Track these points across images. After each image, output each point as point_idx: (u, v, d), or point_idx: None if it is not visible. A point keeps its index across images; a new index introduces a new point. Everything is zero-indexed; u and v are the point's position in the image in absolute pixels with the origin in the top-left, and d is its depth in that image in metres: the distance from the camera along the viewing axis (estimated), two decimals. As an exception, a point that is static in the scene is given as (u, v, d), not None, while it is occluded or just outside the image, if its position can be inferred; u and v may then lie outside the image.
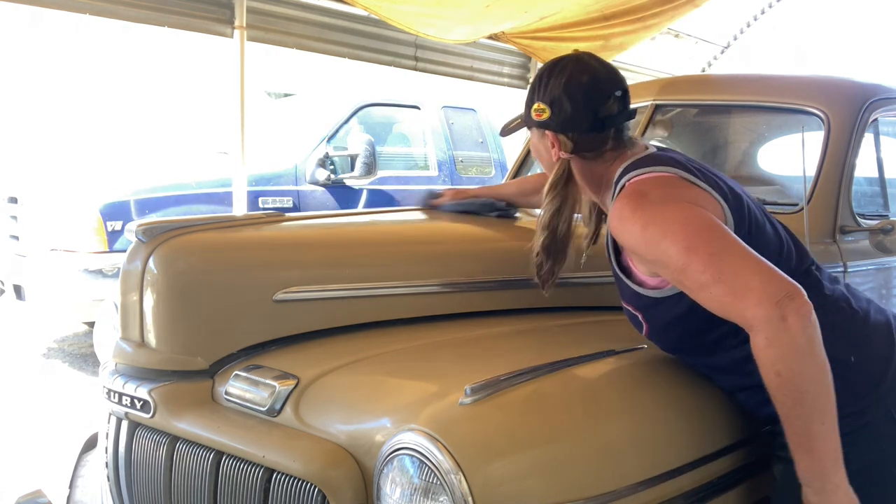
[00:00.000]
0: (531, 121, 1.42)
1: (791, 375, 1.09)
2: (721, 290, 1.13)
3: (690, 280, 1.16)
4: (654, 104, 2.52)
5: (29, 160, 8.03)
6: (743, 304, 1.11)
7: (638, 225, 1.21)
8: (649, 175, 1.28)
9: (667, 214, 1.21)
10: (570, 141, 1.38)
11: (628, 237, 1.25)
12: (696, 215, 1.20)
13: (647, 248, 1.22)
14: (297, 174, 5.02)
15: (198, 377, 1.43)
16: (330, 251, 1.64)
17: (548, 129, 1.40)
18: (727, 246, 1.16)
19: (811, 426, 1.11)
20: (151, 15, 3.72)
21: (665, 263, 1.19)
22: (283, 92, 9.80)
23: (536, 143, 1.47)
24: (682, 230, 1.18)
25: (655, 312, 1.33)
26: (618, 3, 4.49)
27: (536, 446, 1.11)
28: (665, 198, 1.24)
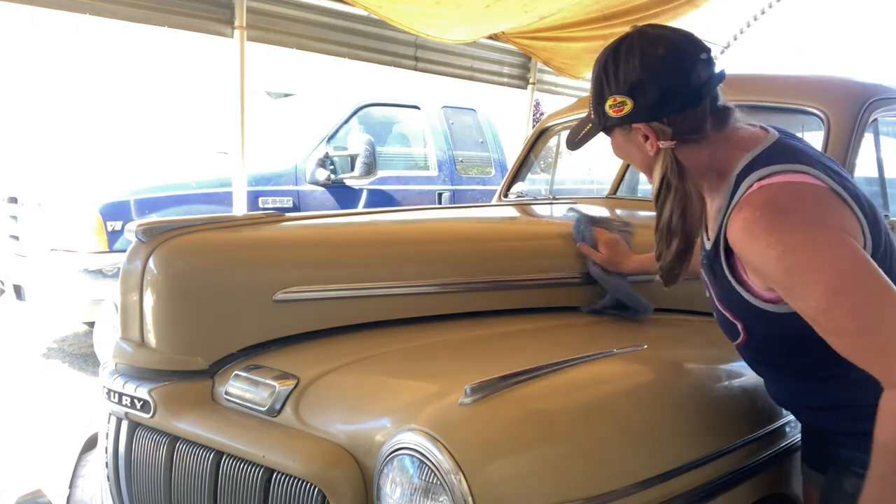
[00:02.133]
0: (610, 120, 1.21)
1: None
2: (868, 343, 1.02)
3: (830, 323, 1.04)
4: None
5: (29, 160, 8.02)
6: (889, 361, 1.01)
7: (775, 250, 1.05)
8: (786, 178, 1.10)
9: (813, 245, 1.04)
10: (667, 127, 1.17)
11: (756, 257, 1.09)
12: (848, 251, 1.04)
13: (780, 276, 1.07)
14: (297, 174, 5.02)
15: (198, 377, 1.43)
16: (330, 251, 1.64)
17: (635, 122, 1.19)
18: (881, 293, 1.02)
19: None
20: (151, 15, 3.72)
21: (802, 297, 1.05)
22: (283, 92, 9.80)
23: (622, 144, 1.25)
24: (831, 268, 1.03)
25: (762, 325, 1.18)
26: (618, 3, 4.49)
27: (536, 446, 1.11)
28: (810, 221, 1.07)
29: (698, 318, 1.82)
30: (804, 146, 1.19)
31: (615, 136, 1.26)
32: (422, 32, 4.53)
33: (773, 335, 1.19)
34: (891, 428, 1.02)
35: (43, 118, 9.48)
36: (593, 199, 2.68)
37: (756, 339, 1.23)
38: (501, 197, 3.15)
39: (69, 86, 9.72)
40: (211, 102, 9.06)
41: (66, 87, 9.71)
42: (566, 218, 1.88)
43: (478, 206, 3.29)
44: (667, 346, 1.59)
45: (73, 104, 9.66)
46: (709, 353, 1.54)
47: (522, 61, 5.64)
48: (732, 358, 1.46)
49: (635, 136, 1.22)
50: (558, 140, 3.18)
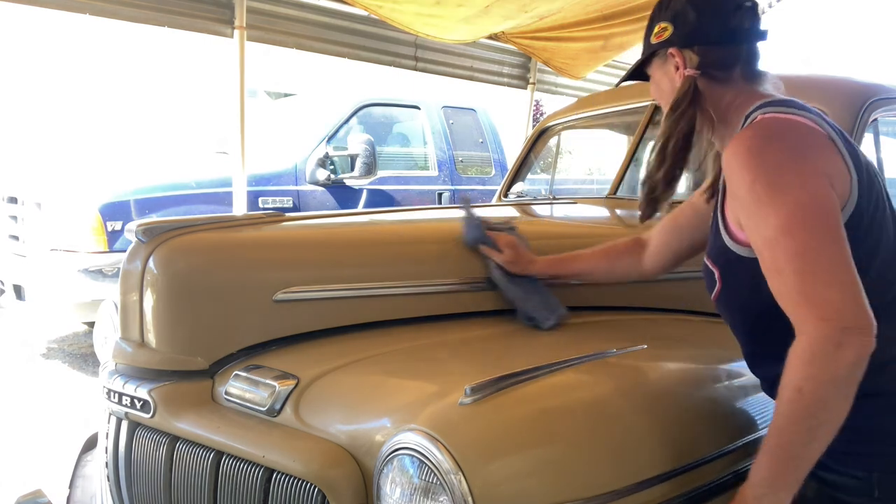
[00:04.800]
0: (652, 48, 1.29)
1: (812, 400, 1.00)
2: (795, 284, 1.02)
3: (771, 257, 1.05)
4: (654, 104, 2.52)
5: (29, 160, 8.02)
6: (808, 311, 1.01)
7: (752, 172, 1.07)
8: (790, 116, 1.13)
9: (785, 176, 1.06)
10: (695, 55, 1.24)
11: (735, 177, 1.11)
12: (815, 194, 1.05)
13: (748, 199, 1.08)
14: (297, 174, 5.02)
15: (198, 377, 1.43)
16: (330, 251, 1.64)
17: (671, 46, 1.25)
18: (829, 244, 1.03)
19: (797, 447, 1.04)
20: (151, 15, 3.72)
21: (757, 225, 1.07)
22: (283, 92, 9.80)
23: (658, 77, 1.31)
24: (792, 205, 1.04)
25: (735, 271, 1.20)
26: (618, 3, 4.49)
27: (536, 446, 1.11)
28: (795, 152, 1.09)
29: (698, 318, 1.82)
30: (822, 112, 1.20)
31: (655, 70, 1.32)
32: (422, 32, 4.53)
33: (742, 286, 1.19)
34: (796, 378, 1.01)
35: (43, 118, 9.48)
36: (593, 200, 2.68)
37: (728, 291, 1.23)
38: (501, 197, 3.15)
39: (69, 85, 9.73)
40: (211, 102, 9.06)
41: (66, 87, 9.72)
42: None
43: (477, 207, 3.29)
44: (667, 347, 1.59)
45: (73, 104, 9.66)
46: (709, 354, 1.54)
47: (522, 61, 5.64)
48: (733, 358, 1.46)
49: (669, 66, 1.28)
50: (558, 140, 3.19)
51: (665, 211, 1.38)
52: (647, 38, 1.31)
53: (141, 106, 10.00)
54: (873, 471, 1.13)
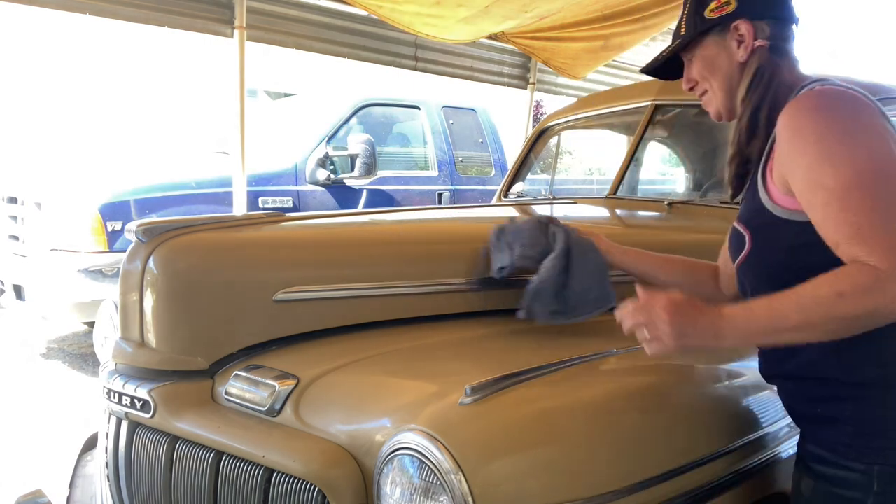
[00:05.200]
0: (709, 23, 1.26)
1: (841, 312, 0.99)
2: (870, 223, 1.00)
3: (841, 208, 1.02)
4: (654, 104, 2.52)
5: (29, 160, 8.02)
6: (876, 252, 0.98)
7: (819, 127, 1.07)
8: (848, 90, 1.12)
9: (857, 130, 1.06)
10: (767, 26, 1.22)
11: (796, 134, 1.09)
12: (887, 149, 1.05)
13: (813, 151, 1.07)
14: (297, 174, 5.02)
15: (198, 377, 1.43)
16: (330, 251, 1.64)
17: (739, 17, 1.23)
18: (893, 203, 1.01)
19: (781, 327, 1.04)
20: (151, 15, 3.72)
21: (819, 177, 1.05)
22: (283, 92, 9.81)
23: (711, 55, 1.29)
24: (866, 156, 1.04)
25: (768, 233, 1.18)
26: (618, 3, 4.49)
27: (536, 446, 1.11)
28: (860, 115, 1.09)
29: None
30: None
31: (705, 48, 1.29)
32: (422, 32, 4.53)
33: (775, 249, 1.17)
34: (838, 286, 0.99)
35: (43, 118, 9.48)
36: (593, 200, 2.68)
37: (758, 253, 1.21)
38: (501, 197, 3.15)
39: (69, 85, 9.73)
40: (211, 102, 9.06)
41: (66, 87, 9.72)
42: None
43: (478, 207, 3.29)
44: (667, 346, 1.59)
45: (73, 103, 9.66)
46: (709, 354, 1.54)
47: (522, 61, 5.64)
48: (733, 358, 1.46)
49: (729, 41, 1.26)
50: (558, 140, 3.19)
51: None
52: (697, 15, 1.27)
53: (141, 106, 10.00)
54: (874, 464, 1.12)
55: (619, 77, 6.15)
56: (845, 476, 1.15)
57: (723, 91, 1.30)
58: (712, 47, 1.28)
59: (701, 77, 1.32)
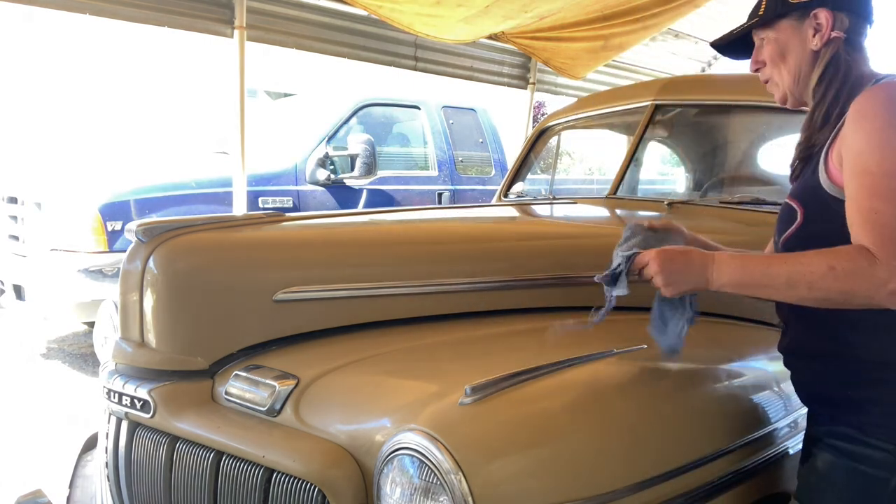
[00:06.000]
0: (786, 7, 1.26)
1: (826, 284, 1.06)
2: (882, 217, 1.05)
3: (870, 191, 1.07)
4: (654, 104, 2.52)
5: (29, 160, 8.02)
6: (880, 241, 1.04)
7: (885, 113, 1.10)
8: None
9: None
10: (847, 19, 1.23)
11: (862, 116, 1.12)
12: None
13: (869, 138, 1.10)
14: (297, 174, 5.02)
15: (198, 377, 1.43)
16: (330, 251, 1.64)
17: (821, 5, 1.23)
18: None
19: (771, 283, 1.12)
20: (151, 15, 3.72)
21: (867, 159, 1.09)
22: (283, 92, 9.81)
23: (784, 39, 1.29)
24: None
25: (821, 210, 1.20)
26: (618, 3, 4.49)
27: (536, 446, 1.11)
28: None
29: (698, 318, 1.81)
30: None
31: (780, 29, 1.29)
32: (421, 32, 4.53)
33: (828, 225, 1.18)
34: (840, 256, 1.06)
35: (42, 117, 9.48)
36: (593, 200, 2.68)
37: (809, 227, 1.23)
38: (501, 197, 3.15)
39: (69, 85, 9.72)
40: (211, 102, 9.06)
41: (66, 87, 9.71)
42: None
43: (478, 206, 3.29)
44: (667, 346, 1.59)
45: (73, 103, 9.66)
46: (709, 354, 1.54)
47: (522, 61, 5.64)
48: (733, 358, 1.46)
49: (806, 28, 1.26)
50: (558, 140, 3.19)
51: None
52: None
53: (141, 106, 10.00)
54: (889, 442, 1.14)
55: (619, 77, 6.16)
56: (871, 454, 1.16)
57: (791, 77, 1.30)
58: (787, 31, 1.28)
59: (771, 60, 1.32)
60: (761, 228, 2.05)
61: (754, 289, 1.16)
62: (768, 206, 2.16)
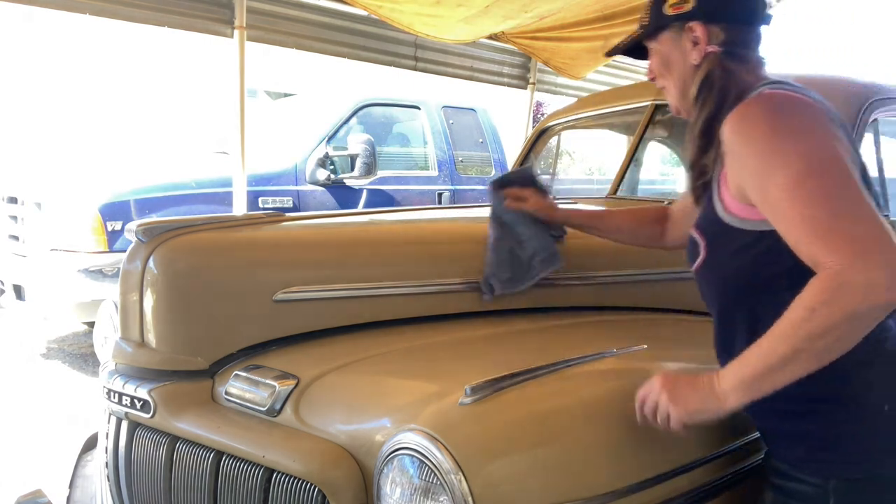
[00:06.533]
0: (666, 19, 1.24)
1: (820, 324, 0.96)
2: (823, 222, 0.98)
3: (792, 205, 1.01)
4: (654, 104, 2.52)
5: (29, 160, 8.02)
6: (838, 247, 0.96)
7: (765, 129, 1.06)
8: (796, 94, 1.12)
9: (801, 130, 1.05)
10: (721, 31, 1.20)
11: (746, 143, 1.08)
12: (832, 146, 1.04)
13: (764, 153, 1.05)
14: (297, 174, 5.02)
15: (198, 377, 1.43)
16: (330, 251, 1.64)
17: (694, 19, 1.21)
18: (851, 187, 1.01)
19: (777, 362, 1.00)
20: (151, 15, 3.72)
21: (770, 181, 1.04)
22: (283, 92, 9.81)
23: (666, 51, 1.28)
24: (812, 152, 1.03)
25: (724, 242, 1.17)
26: (618, 3, 4.49)
27: (536, 446, 1.11)
28: (808, 116, 1.08)
29: (698, 318, 1.82)
30: None
31: (662, 43, 1.28)
32: (421, 32, 4.53)
33: (729, 257, 1.16)
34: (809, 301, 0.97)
35: (42, 117, 9.48)
36: (593, 199, 2.68)
37: (713, 260, 1.20)
38: (501, 197, 3.14)
39: (69, 85, 9.72)
40: (211, 102, 9.06)
41: (66, 86, 9.71)
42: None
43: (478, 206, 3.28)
44: (667, 347, 1.59)
45: (73, 103, 9.66)
46: (709, 354, 1.54)
47: (522, 61, 5.64)
48: (732, 358, 1.46)
49: (684, 41, 1.24)
50: (558, 140, 3.19)
51: None
52: (658, 7, 1.26)
53: (141, 106, 9.99)
54: (830, 478, 1.11)
55: (619, 77, 6.15)
56: (803, 489, 1.15)
57: (677, 89, 1.29)
58: (669, 43, 1.27)
59: (658, 71, 1.32)
60: (761, 228, 2.06)
61: (763, 376, 1.03)
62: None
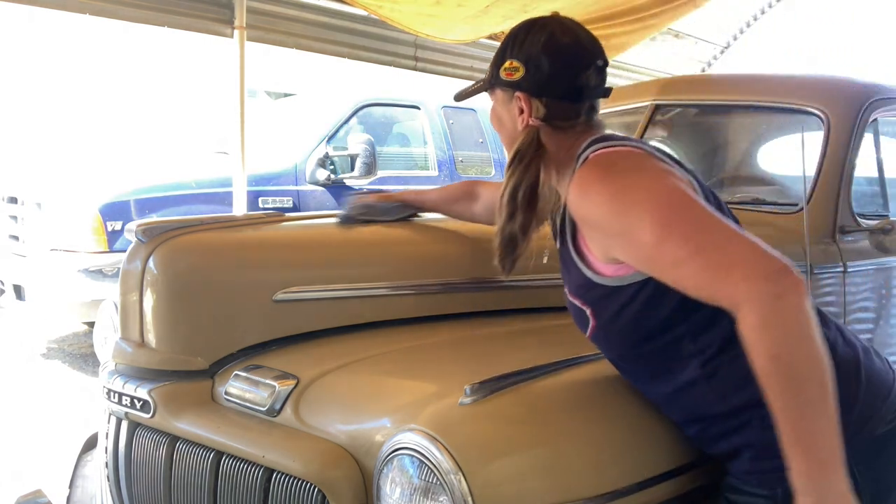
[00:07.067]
0: (499, 81, 1.28)
1: (791, 360, 0.92)
2: (702, 263, 0.98)
3: (665, 255, 1.02)
4: (654, 104, 2.52)
5: (29, 160, 8.02)
6: (730, 279, 0.95)
7: (605, 194, 1.08)
8: (617, 148, 1.16)
9: (639, 182, 1.08)
10: (543, 106, 1.24)
11: (592, 209, 1.11)
12: (671, 184, 1.07)
13: (614, 219, 1.08)
14: (297, 174, 5.02)
15: (198, 377, 1.43)
16: (330, 251, 1.64)
17: (520, 90, 1.25)
18: (706, 215, 1.02)
19: (812, 421, 0.94)
20: (151, 15, 3.73)
21: (635, 237, 1.05)
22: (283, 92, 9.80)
23: (500, 109, 1.32)
24: (657, 199, 1.05)
25: (607, 304, 1.18)
26: (618, 3, 4.49)
27: (536, 446, 1.11)
28: (636, 166, 1.12)
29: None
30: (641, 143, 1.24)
31: (497, 99, 1.32)
32: (421, 32, 4.53)
33: (618, 316, 1.17)
34: (764, 350, 0.94)
35: (43, 117, 9.48)
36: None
37: (603, 324, 1.21)
38: (501, 197, 3.14)
39: (69, 85, 9.72)
40: (211, 102, 9.06)
41: (66, 87, 9.71)
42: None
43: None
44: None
45: (73, 103, 9.66)
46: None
47: (522, 61, 5.63)
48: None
49: (513, 106, 1.28)
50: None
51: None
52: (497, 66, 1.28)
53: (141, 106, 9.99)
54: (777, 488, 1.09)
55: (619, 77, 6.15)
56: (753, 502, 1.14)
57: (506, 145, 1.33)
58: (502, 102, 1.31)
59: (494, 123, 1.36)
60: (761, 228, 2.05)
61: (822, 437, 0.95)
62: (768, 206, 2.16)
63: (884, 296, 2.20)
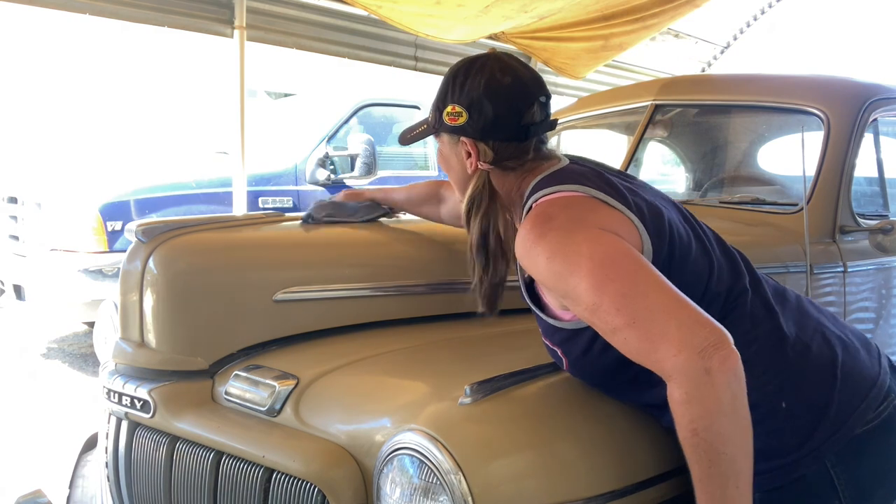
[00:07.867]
0: (443, 126, 1.26)
1: (709, 436, 0.96)
2: (635, 334, 1.00)
3: (601, 321, 1.03)
4: (654, 104, 2.52)
5: (29, 160, 8.02)
6: (660, 354, 0.97)
7: (543, 256, 1.08)
8: (556, 195, 1.15)
9: (573, 245, 1.06)
10: (490, 150, 1.23)
11: (534, 269, 1.12)
12: (606, 245, 1.06)
13: (554, 282, 1.09)
14: (297, 174, 5.02)
15: (198, 377, 1.43)
16: (330, 251, 1.64)
17: (464, 135, 1.23)
18: (642, 282, 1.02)
19: (725, 490, 0.98)
20: (151, 15, 3.73)
21: (575, 300, 1.06)
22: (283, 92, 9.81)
23: (447, 152, 1.30)
24: (590, 264, 1.04)
25: (573, 346, 1.19)
26: (618, 3, 4.49)
27: (536, 446, 1.11)
28: (571, 223, 1.10)
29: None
30: (586, 169, 1.22)
31: (443, 143, 1.31)
32: (421, 32, 4.53)
33: (586, 354, 1.18)
34: (685, 423, 0.97)
35: (43, 117, 9.48)
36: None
37: (574, 360, 1.22)
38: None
39: (69, 85, 9.72)
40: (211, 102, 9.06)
41: (66, 87, 9.71)
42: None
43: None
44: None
45: (73, 104, 9.66)
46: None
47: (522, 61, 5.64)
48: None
49: (460, 150, 1.26)
50: (558, 140, 3.19)
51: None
52: (440, 110, 1.26)
53: (141, 106, 10.00)
54: (755, 492, 1.06)
55: (619, 77, 6.16)
56: None
57: (457, 188, 1.34)
58: (448, 145, 1.30)
59: (440, 163, 1.35)
60: (761, 228, 2.06)
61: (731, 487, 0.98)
62: (768, 206, 2.16)
63: (884, 296, 2.20)
